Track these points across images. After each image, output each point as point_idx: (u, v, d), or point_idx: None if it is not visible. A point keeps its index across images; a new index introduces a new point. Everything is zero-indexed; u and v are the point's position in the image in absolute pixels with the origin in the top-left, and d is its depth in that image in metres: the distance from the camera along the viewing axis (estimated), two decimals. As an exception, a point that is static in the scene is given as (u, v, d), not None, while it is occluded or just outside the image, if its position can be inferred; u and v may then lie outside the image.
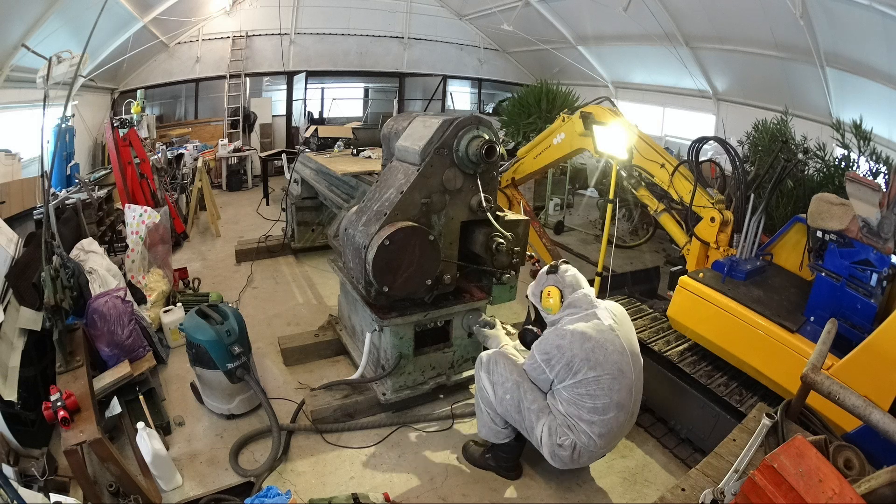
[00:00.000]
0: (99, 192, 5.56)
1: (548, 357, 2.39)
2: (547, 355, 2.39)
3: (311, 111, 11.23)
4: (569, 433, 2.39)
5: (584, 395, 2.34)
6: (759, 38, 6.59)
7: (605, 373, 2.33)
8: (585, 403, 2.35)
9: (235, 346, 2.93)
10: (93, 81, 7.71)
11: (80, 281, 3.12)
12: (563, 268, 2.61)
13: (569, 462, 2.44)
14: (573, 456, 2.41)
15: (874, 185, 2.39)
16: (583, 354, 2.33)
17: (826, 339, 1.92)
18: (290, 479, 2.69)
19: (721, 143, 3.56)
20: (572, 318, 2.46)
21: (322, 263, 5.48)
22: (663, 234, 5.18)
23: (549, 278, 2.59)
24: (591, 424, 2.36)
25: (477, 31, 11.85)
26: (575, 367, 2.33)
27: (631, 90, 10.17)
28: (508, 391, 2.54)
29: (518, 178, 4.85)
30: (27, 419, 2.61)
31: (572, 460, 2.43)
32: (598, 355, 2.34)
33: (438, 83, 12.28)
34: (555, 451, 2.42)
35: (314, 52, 10.84)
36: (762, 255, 3.21)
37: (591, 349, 2.34)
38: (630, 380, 2.41)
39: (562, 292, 2.53)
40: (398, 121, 3.40)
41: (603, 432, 2.37)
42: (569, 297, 2.52)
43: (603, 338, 2.37)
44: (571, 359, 2.33)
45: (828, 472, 1.33)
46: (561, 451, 2.40)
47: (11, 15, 5.10)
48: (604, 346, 2.36)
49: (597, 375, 2.33)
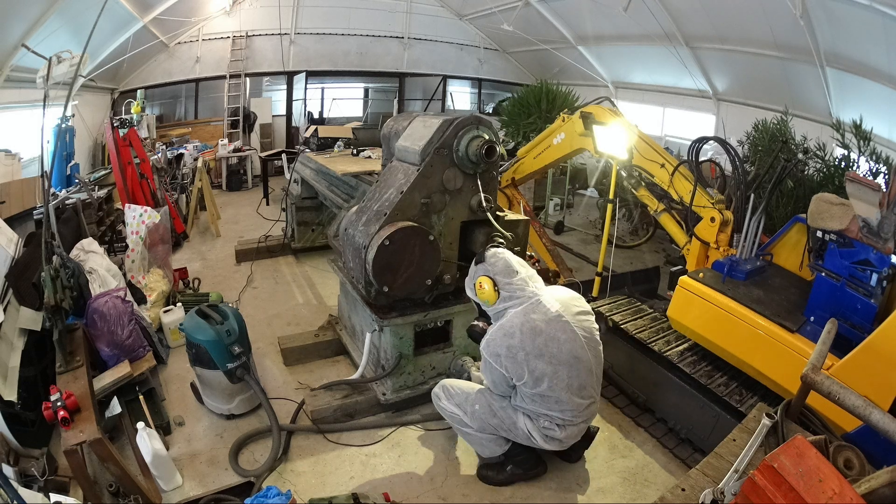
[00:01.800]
0: (99, 192, 5.56)
1: (499, 358, 2.33)
2: (497, 357, 2.34)
3: (311, 111, 11.23)
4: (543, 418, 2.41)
5: (545, 390, 2.33)
6: (759, 38, 6.59)
7: (561, 364, 2.31)
8: (549, 398, 2.34)
9: (235, 346, 2.93)
10: (93, 81, 7.71)
11: (80, 281, 3.12)
12: (490, 253, 2.49)
13: (562, 440, 2.46)
14: (562, 435, 2.43)
15: (874, 185, 2.39)
16: (535, 351, 2.28)
17: (826, 339, 1.92)
18: (290, 479, 2.68)
19: (721, 143, 3.56)
20: (516, 310, 2.38)
21: (322, 263, 5.48)
22: (663, 234, 5.18)
23: (479, 268, 2.48)
24: (563, 412, 2.39)
25: (477, 31, 11.85)
26: (530, 365, 2.29)
27: (631, 90, 10.17)
28: (476, 401, 2.52)
29: (518, 178, 4.85)
30: (27, 419, 2.61)
31: (563, 438, 2.45)
32: (552, 348, 2.29)
33: (438, 83, 12.28)
34: (544, 434, 2.43)
35: (314, 52, 10.84)
36: (762, 255, 3.21)
37: (543, 344, 2.28)
38: (587, 361, 2.39)
39: (494, 281, 2.42)
40: (398, 121, 3.40)
41: (575, 413, 2.41)
42: (504, 284, 2.41)
43: (553, 329, 2.32)
44: (525, 357, 2.28)
45: (828, 472, 1.33)
46: (549, 431, 2.42)
47: (11, 15, 5.10)
48: (555, 337, 2.30)
49: (554, 371, 2.29)
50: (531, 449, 2.66)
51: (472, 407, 2.54)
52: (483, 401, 2.52)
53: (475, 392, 2.54)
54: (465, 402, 2.58)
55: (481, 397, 2.52)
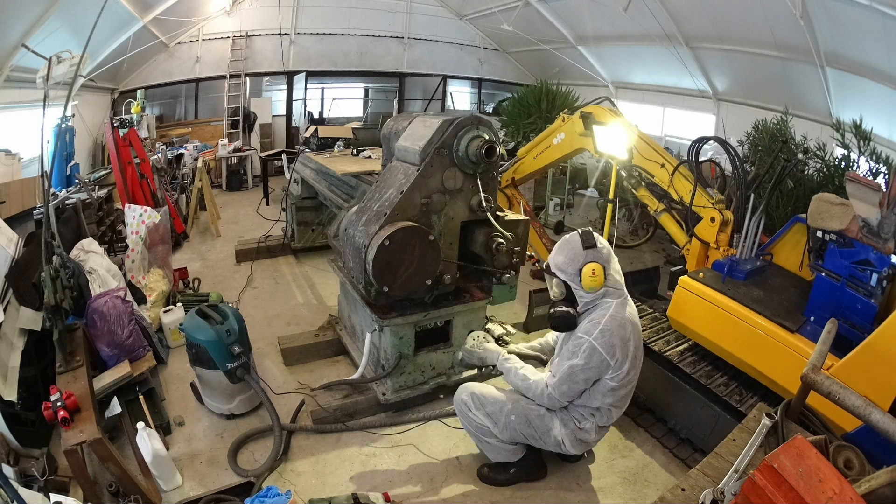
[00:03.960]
0: (99, 192, 5.56)
1: (612, 350, 2.25)
2: (612, 348, 2.25)
3: (311, 111, 11.23)
4: (591, 418, 2.42)
5: (625, 383, 2.35)
6: (759, 38, 6.58)
7: (638, 359, 2.39)
8: (621, 391, 2.37)
9: (235, 346, 2.93)
10: (93, 81, 7.71)
11: (80, 281, 3.12)
12: (598, 237, 2.39)
13: (591, 443, 2.51)
14: (595, 437, 2.47)
15: (874, 185, 2.39)
16: (636, 343, 2.34)
17: (826, 339, 1.92)
18: (290, 479, 2.69)
19: (721, 143, 3.55)
20: (617, 301, 2.35)
21: (322, 263, 5.48)
22: (663, 234, 5.17)
23: (589, 254, 2.33)
24: (619, 407, 2.44)
25: (477, 31, 11.84)
26: (630, 356, 2.30)
27: (631, 90, 10.17)
28: (512, 412, 2.46)
29: (518, 178, 4.85)
30: (27, 419, 2.61)
31: (594, 441, 2.50)
32: (640, 344, 2.40)
33: (438, 83, 12.27)
34: (576, 437, 2.44)
35: (314, 52, 10.84)
36: (762, 255, 3.21)
37: (638, 338, 2.36)
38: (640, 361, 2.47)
39: (605, 268, 2.33)
40: (398, 121, 3.40)
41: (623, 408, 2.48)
42: (609, 273, 2.35)
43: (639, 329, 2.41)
44: (635, 351, 2.32)
45: (828, 472, 1.33)
46: (584, 434, 2.43)
47: (11, 15, 5.10)
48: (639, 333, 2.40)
49: (638, 363, 2.38)
50: (539, 454, 2.67)
51: (508, 417, 2.46)
52: (521, 410, 2.45)
53: (511, 402, 2.46)
54: (500, 413, 2.48)
55: (519, 407, 2.45)
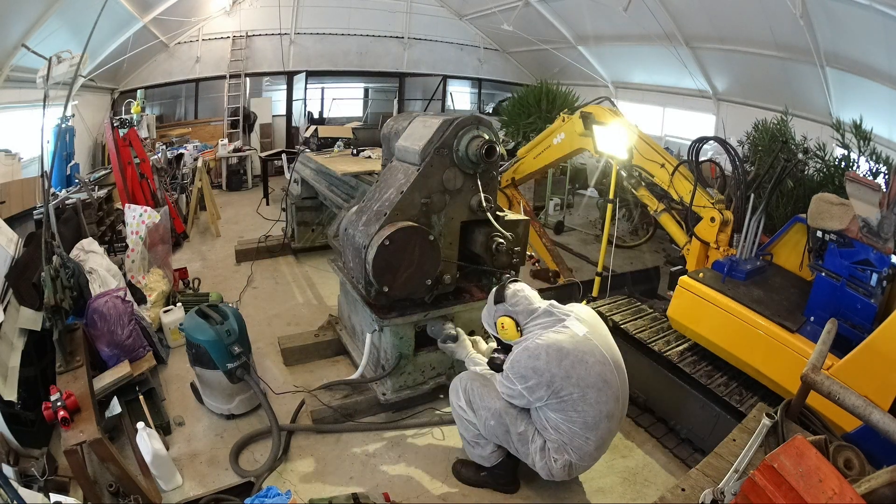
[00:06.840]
0: (99, 192, 5.57)
1: (525, 380, 2.22)
2: (524, 379, 2.22)
3: (311, 111, 11.23)
4: (562, 454, 2.29)
5: (572, 415, 2.22)
6: (759, 38, 6.59)
7: (590, 387, 2.19)
8: (575, 422, 2.22)
9: (235, 346, 2.93)
10: (93, 81, 7.71)
11: (80, 281, 3.12)
12: (510, 293, 2.41)
13: (566, 477, 2.38)
14: (569, 472, 2.34)
15: (874, 185, 2.39)
16: (562, 373, 2.17)
17: (826, 339, 1.92)
18: (290, 479, 2.68)
19: (721, 143, 3.56)
20: (542, 330, 2.30)
21: (322, 263, 5.48)
22: (663, 234, 5.18)
23: (499, 308, 2.40)
24: (586, 440, 2.26)
25: (477, 31, 11.84)
26: (556, 386, 2.17)
27: (631, 90, 10.17)
28: (492, 417, 2.42)
29: (518, 178, 4.85)
30: (27, 419, 2.61)
31: (569, 475, 2.38)
32: (580, 370, 2.18)
33: (438, 83, 12.28)
34: (551, 469, 2.33)
35: (314, 52, 10.84)
36: (762, 255, 3.21)
37: (570, 366, 2.17)
38: (616, 388, 2.27)
39: (516, 321, 2.37)
40: (398, 121, 3.40)
41: (597, 445, 2.30)
42: (526, 324, 2.37)
43: (580, 349, 2.21)
44: (551, 379, 2.17)
45: (828, 472, 1.33)
46: (556, 468, 2.32)
47: (11, 15, 5.10)
48: (583, 359, 2.20)
49: (582, 393, 2.18)
50: (513, 466, 2.61)
51: (488, 420, 2.43)
52: (501, 420, 2.40)
53: (494, 409, 2.41)
54: (482, 410, 2.46)
55: (500, 418, 2.39)
